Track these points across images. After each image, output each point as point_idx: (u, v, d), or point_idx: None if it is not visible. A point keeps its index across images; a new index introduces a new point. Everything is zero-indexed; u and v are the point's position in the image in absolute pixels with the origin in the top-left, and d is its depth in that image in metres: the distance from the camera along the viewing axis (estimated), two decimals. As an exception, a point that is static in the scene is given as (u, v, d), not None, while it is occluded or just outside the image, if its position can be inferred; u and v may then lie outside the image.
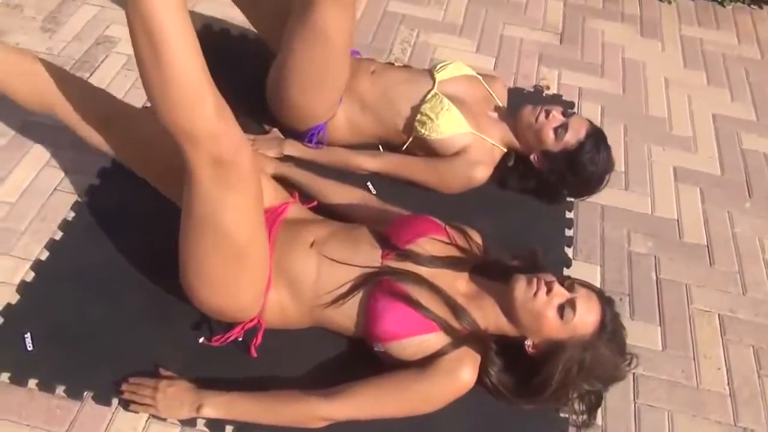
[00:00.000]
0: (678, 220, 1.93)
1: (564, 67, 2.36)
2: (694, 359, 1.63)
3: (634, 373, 1.58)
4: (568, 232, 1.85)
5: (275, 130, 1.93)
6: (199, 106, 1.15)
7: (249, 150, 1.24)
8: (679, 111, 2.25)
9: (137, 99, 1.97)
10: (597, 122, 2.16)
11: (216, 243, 1.30)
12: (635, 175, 2.04)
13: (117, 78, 2.08)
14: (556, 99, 2.23)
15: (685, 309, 1.72)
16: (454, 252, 1.52)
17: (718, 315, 1.72)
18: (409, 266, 1.45)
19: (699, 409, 1.53)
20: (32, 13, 2.26)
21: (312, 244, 1.48)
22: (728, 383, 1.59)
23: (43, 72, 1.53)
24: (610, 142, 2.04)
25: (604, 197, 1.93)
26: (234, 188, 1.24)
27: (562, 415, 1.48)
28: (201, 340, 1.52)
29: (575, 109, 2.21)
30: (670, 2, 2.69)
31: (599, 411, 1.49)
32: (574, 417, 1.47)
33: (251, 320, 1.47)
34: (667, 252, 1.84)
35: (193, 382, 1.43)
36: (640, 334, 1.65)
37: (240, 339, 1.49)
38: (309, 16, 1.63)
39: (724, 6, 2.70)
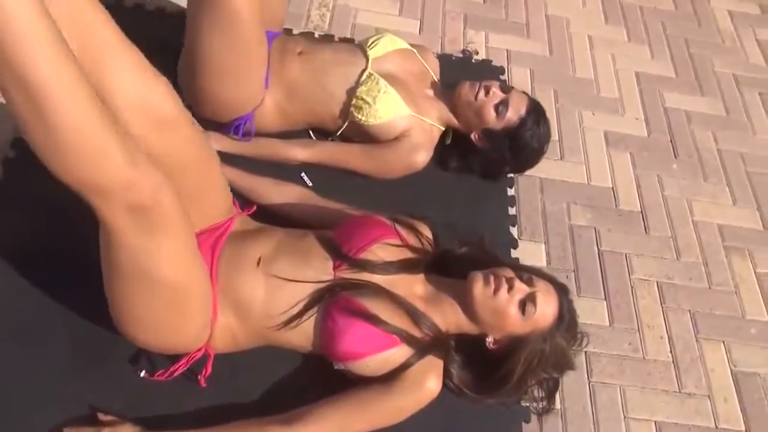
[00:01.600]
0: (613, 189, 1.95)
1: (490, 28, 2.28)
2: (638, 331, 1.68)
3: (586, 352, 1.61)
4: (512, 211, 1.83)
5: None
6: (104, 158, 0.96)
7: (167, 186, 1.08)
8: (604, 71, 2.25)
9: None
10: (528, 88, 2.14)
11: (149, 291, 1.15)
12: (569, 142, 2.03)
13: None
14: (485, 65, 2.16)
15: (626, 280, 1.77)
16: (407, 254, 1.45)
17: (657, 283, 1.78)
18: (364, 276, 1.37)
19: (647, 380, 1.60)
20: None
21: (258, 262, 1.36)
22: (671, 351, 1.66)
23: None
24: (543, 109, 2.02)
25: (542, 169, 1.91)
26: (159, 232, 1.08)
27: (523, 404, 1.50)
28: (142, 374, 1.38)
29: (505, 74, 2.15)
30: (586, -48, 2.64)
31: (557, 395, 1.52)
32: (534, 404, 1.49)
33: (198, 350, 1.35)
34: (605, 222, 1.87)
35: (140, 423, 1.30)
36: (589, 311, 1.68)
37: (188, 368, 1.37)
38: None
39: (637, -45, 2.69)
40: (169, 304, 1.19)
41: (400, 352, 1.34)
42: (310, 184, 1.72)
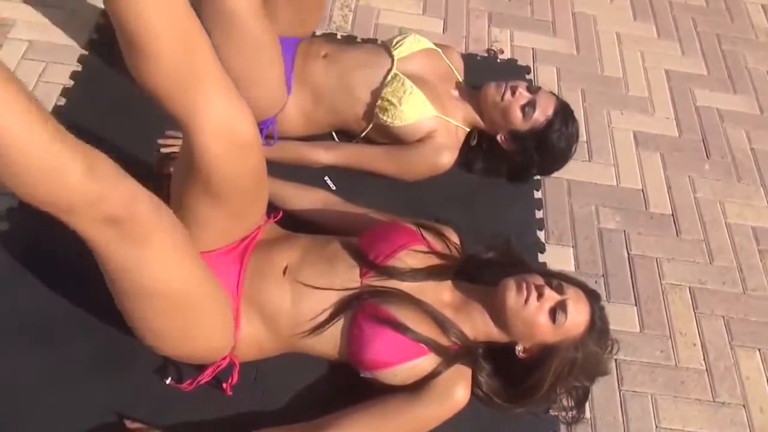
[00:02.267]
0: (643, 191, 1.90)
1: (515, 26, 2.24)
2: (670, 337, 1.64)
3: (616, 360, 1.58)
4: (539, 214, 1.79)
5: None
6: (61, 175, 0.93)
7: (145, 197, 1.05)
8: (633, 69, 2.20)
9: (47, 92, 1.72)
10: (554, 88, 2.09)
11: (151, 306, 1.15)
12: (597, 144, 1.98)
13: (20, 70, 1.79)
14: (511, 64, 2.12)
15: (657, 285, 1.72)
16: (434, 260, 1.43)
17: (689, 288, 1.73)
18: (391, 283, 1.35)
19: (680, 389, 1.56)
20: None
21: (285, 271, 1.34)
22: (704, 358, 1.62)
23: None
24: (570, 109, 1.98)
25: (569, 171, 1.87)
26: (141, 243, 1.05)
27: (552, 413, 1.47)
28: (168, 381, 1.38)
29: (531, 74, 2.11)
30: (613, -54, 2.58)
31: (587, 404, 1.49)
32: (564, 414, 1.46)
33: (223, 359, 1.34)
34: (635, 225, 1.83)
35: (167, 429, 1.30)
36: (619, 317, 1.64)
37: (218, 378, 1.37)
38: (217, 8, 1.44)
39: (666, -52, 2.62)
40: (178, 316, 1.18)
41: (428, 361, 1.31)
42: (334, 188, 1.71)
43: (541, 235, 1.76)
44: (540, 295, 1.32)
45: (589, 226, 1.80)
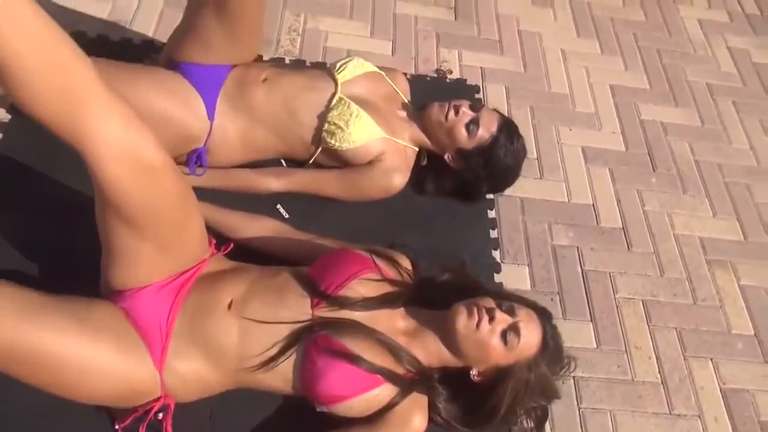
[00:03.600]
0: (594, 206, 1.93)
1: (463, 46, 2.25)
2: (626, 352, 1.65)
3: (574, 377, 1.58)
4: (493, 234, 1.80)
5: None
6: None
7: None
8: (579, 85, 2.24)
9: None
10: (503, 105, 2.11)
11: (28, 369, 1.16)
12: (548, 161, 2.01)
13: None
14: (460, 84, 2.13)
15: (611, 300, 1.74)
16: (387, 288, 1.40)
17: (642, 301, 1.76)
18: (343, 313, 1.32)
19: (638, 403, 1.57)
20: None
21: (230, 306, 1.30)
22: (659, 371, 1.64)
23: None
24: (519, 126, 1.99)
25: (522, 189, 1.89)
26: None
27: (513, 434, 1.46)
28: (117, 427, 1.31)
29: (480, 93, 2.13)
30: (555, -36, 2.63)
31: (547, 423, 1.49)
32: (525, 433, 1.45)
33: (156, 400, 1.28)
34: (587, 241, 1.85)
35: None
36: (575, 334, 1.65)
37: (159, 419, 1.31)
38: None
39: (605, -34, 2.69)
40: (53, 372, 1.17)
41: (384, 392, 1.29)
42: (287, 216, 1.68)
43: (496, 254, 1.76)
44: (491, 319, 1.31)
45: (542, 243, 1.81)
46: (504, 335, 1.31)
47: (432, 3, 2.37)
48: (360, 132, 1.63)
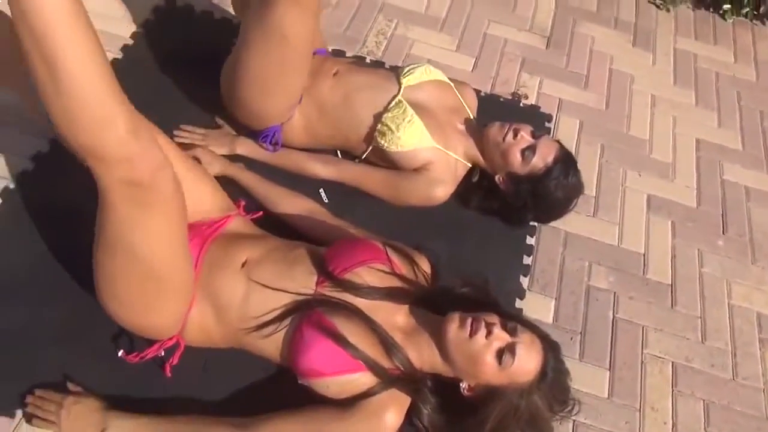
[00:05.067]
0: (644, 255, 1.83)
1: (546, 75, 2.23)
2: (639, 410, 1.55)
3: (575, 420, 1.50)
4: (527, 260, 1.75)
5: (227, 126, 1.80)
6: (108, 127, 1.01)
7: (169, 171, 1.12)
8: (661, 133, 2.13)
9: None
10: (574, 139, 2.06)
11: (130, 266, 1.19)
12: (606, 200, 1.93)
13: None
14: (533, 110, 2.10)
15: (638, 354, 1.64)
16: (395, 282, 1.42)
17: (672, 363, 1.64)
18: (345, 296, 1.35)
19: (638, 466, 1.47)
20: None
21: (243, 265, 1.37)
22: (673, 439, 1.52)
23: None
24: (584, 162, 1.95)
25: (570, 223, 1.83)
26: (151, 211, 1.12)
27: (493, 461, 1.41)
28: (120, 353, 1.42)
29: (553, 123, 2.09)
30: (668, 10, 2.54)
31: (533, 459, 1.42)
32: (506, 464, 1.40)
33: (170, 339, 1.38)
34: (628, 289, 1.75)
35: (104, 400, 1.33)
36: (587, 379, 1.57)
37: (161, 355, 1.40)
38: (267, 14, 1.49)
39: (725, 19, 2.55)
40: (145, 284, 1.22)
41: (363, 379, 1.30)
42: (326, 201, 1.73)
43: (524, 281, 1.72)
44: (489, 333, 1.28)
45: (577, 281, 1.74)
46: (499, 353, 1.28)
47: (527, 29, 2.36)
48: (410, 137, 1.66)
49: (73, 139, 1.03)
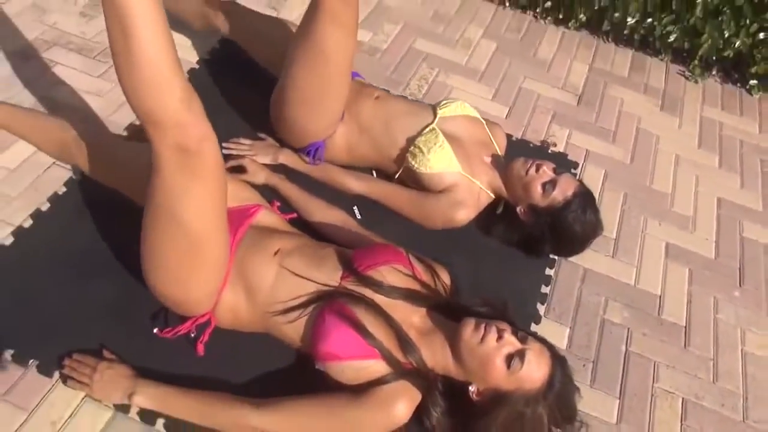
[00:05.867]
0: (660, 297, 1.88)
1: (576, 127, 2.36)
2: (647, 439, 1.57)
3: (581, 441, 1.53)
4: (545, 289, 1.82)
5: (270, 138, 1.97)
6: (167, 93, 1.17)
7: (215, 144, 1.27)
8: (683, 189, 2.22)
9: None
10: (598, 186, 2.16)
11: (172, 232, 1.31)
12: (625, 244, 2.00)
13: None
14: (560, 157, 2.22)
15: (648, 387, 1.67)
16: (415, 285, 1.51)
17: (682, 399, 1.66)
18: (367, 292, 1.45)
19: (641, 492, 1.47)
20: (76, -1, 2.38)
21: (276, 253, 1.49)
22: (678, 471, 1.53)
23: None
24: (606, 207, 2.04)
25: (589, 260, 1.91)
26: (196, 179, 1.25)
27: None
28: (155, 330, 1.53)
29: (578, 170, 2.20)
30: (696, 81, 2.67)
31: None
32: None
33: (203, 316, 1.48)
34: (642, 326, 1.80)
35: (135, 369, 1.44)
36: (597, 404, 1.61)
37: (192, 335, 1.51)
38: (311, 36, 1.68)
39: (751, 94, 2.67)
40: (185, 253, 1.34)
41: (377, 367, 1.37)
42: (359, 217, 1.85)
43: (541, 308, 1.78)
44: (500, 337, 1.36)
45: (592, 314, 1.80)
46: (509, 358, 1.34)
47: (560, 87, 2.52)
48: (438, 160, 1.79)
49: (138, 104, 1.19)
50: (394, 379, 1.37)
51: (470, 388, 1.40)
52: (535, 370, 1.34)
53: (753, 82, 2.64)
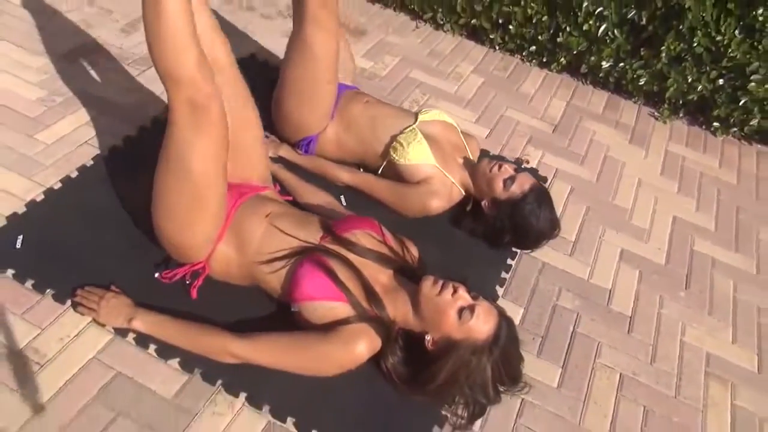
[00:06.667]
0: (610, 291, 2.08)
1: (549, 150, 2.63)
2: (583, 402, 1.74)
3: (523, 399, 1.71)
4: (504, 275, 2.04)
5: (273, 136, 2.26)
6: (184, 55, 1.46)
7: (220, 102, 1.54)
8: (642, 206, 2.45)
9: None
10: (562, 199, 2.39)
11: (179, 179, 1.57)
12: (583, 246, 2.22)
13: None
14: (531, 172, 2.47)
15: (590, 361, 1.85)
16: (385, 250, 1.74)
17: (620, 374, 1.84)
18: (342, 251, 1.68)
19: (574, 442, 1.64)
20: (118, 17, 2.75)
21: (267, 215, 1.74)
22: (610, 431, 1.69)
23: None
24: (568, 216, 2.28)
25: (548, 256, 2.13)
26: (203, 132, 1.53)
27: (444, 413, 1.62)
28: (156, 275, 1.77)
29: (546, 185, 2.44)
30: (665, 122, 2.94)
31: (479, 420, 1.63)
32: (454, 418, 1.61)
33: (199, 263, 1.72)
34: (590, 313, 1.99)
35: (139, 305, 1.66)
36: (541, 371, 1.79)
37: (187, 281, 1.74)
38: (300, 39, 2.02)
39: (716, 136, 2.93)
40: (189, 198, 1.59)
41: (344, 309, 1.59)
42: (344, 205, 2.10)
43: (500, 290, 1.99)
44: (454, 292, 1.58)
45: (546, 299, 2.01)
46: (460, 310, 1.56)
47: (538, 117, 2.80)
48: (416, 153, 2.06)
49: (162, 65, 1.48)
50: (357, 321, 1.58)
51: (426, 337, 1.60)
52: (482, 323, 1.55)
53: (716, 124, 2.90)
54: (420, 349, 1.62)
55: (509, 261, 2.09)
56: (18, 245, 1.77)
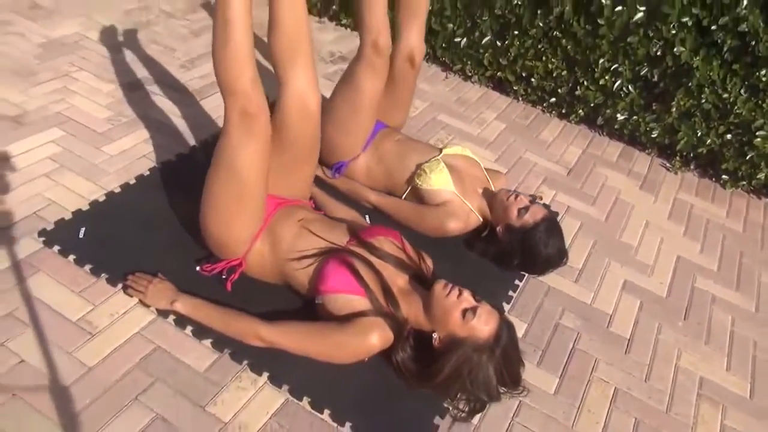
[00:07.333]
0: (611, 316, 2.22)
1: (562, 190, 2.82)
2: (577, 409, 1.87)
3: (521, 401, 1.84)
4: (512, 293, 2.20)
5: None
6: (242, 71, 1.74)
7: (267, 115, 1.80)
8: (648, 245, 2.60)
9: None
10: (572, 234, 2.57)
11: (227, 177, 1.82)
12: (588, 275, 2.38)
13: (219, 107, 2.78)
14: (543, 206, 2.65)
15: (587, 374, 1.98)
16: (403, 257, 1.95)
17: (615, 388, 1.96)
18: (365, 253, 1.89)
19: (565, 442, 1.76)
20: (180, 55, 3.10)
21: (300, 220, 1.97)
22: (601, 436, 1.81)
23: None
24: (576, 248, 2.45)
25: (554, 281, 2.29)
26: (251, 137, 1.78)
27: (446, 405, 1.77)
28: (198, 268, 2.00)
29: (558, 219, 2.62)
30: (676, 173, 3.12)
31: (479, 416, 1.77)
32: (455, 411, 1.76)
33: (236, 259, 1.94)
34: (590, 333, 2.13)
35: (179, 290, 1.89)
36: (539, 378, 1.93)
37: (224, 276, 1.96)
38: (352, 78, 2.29)
39: (725, 188, 3.09)
40: (234, 198, 1.83)
41: (363, 302, 1.78)
42: (369, 224, 2.32)
43: (506, 307, 2.15)
44: (460, 294, 1.76)
45: (549, 317, 2.16)
46: (464, 311, 1.74)
47: (555, 161, 3.01)
48: (437, 180, 2.28)
49: (222, 78, 1.76)
50: (373, 314, 1.77)
51: (433, 335, 1.78)
52: (483, 324, 1.72)
53: (725, 177, 3.06)
54: (428, 346, 1.79)
55: (517, 282, 2.26)
56: (81, 236, 2.03)
